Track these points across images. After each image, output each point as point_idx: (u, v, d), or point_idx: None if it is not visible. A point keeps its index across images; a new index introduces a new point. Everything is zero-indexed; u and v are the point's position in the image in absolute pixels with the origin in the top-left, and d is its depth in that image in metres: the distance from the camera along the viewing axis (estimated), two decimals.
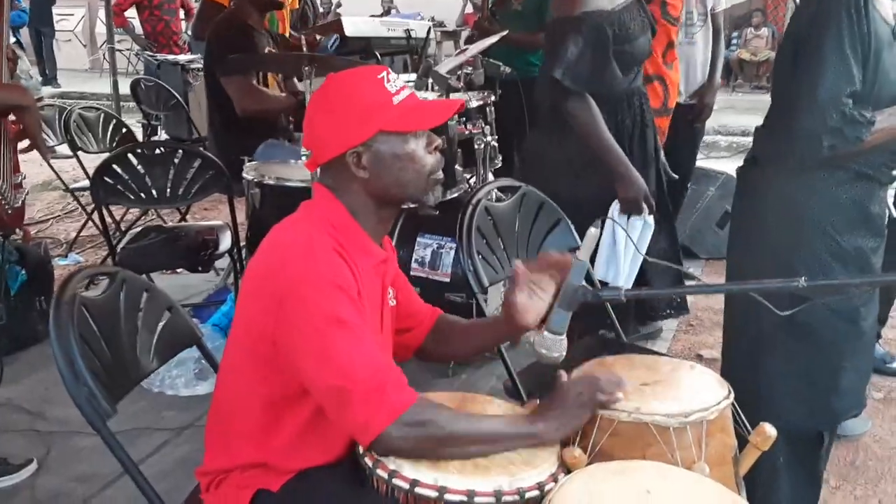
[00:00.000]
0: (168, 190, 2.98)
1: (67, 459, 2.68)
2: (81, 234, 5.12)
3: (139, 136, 6.30)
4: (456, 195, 3.22)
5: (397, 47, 5.34)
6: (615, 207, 2.52)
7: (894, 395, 3.03)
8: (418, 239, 3.23)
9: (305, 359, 1.34)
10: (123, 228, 4.10)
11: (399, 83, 1.48)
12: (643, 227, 2.54)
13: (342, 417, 1.34)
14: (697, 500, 1.22)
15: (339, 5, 13.35)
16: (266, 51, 3.64)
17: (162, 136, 6.34)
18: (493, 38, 3.53)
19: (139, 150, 2.97)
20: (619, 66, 2.50)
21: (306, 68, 2.79)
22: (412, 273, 3.21)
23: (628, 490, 1.24)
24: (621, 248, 2.50)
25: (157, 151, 3.01)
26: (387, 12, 14.22)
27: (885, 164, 1.85)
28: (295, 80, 3.77)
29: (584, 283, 1.34)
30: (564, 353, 1.40)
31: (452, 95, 3.20)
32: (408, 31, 5.29)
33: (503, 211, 2.31)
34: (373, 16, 13.78)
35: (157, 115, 6.20)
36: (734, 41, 13.45)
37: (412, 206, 1.53)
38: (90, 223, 4.81)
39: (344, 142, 1.44)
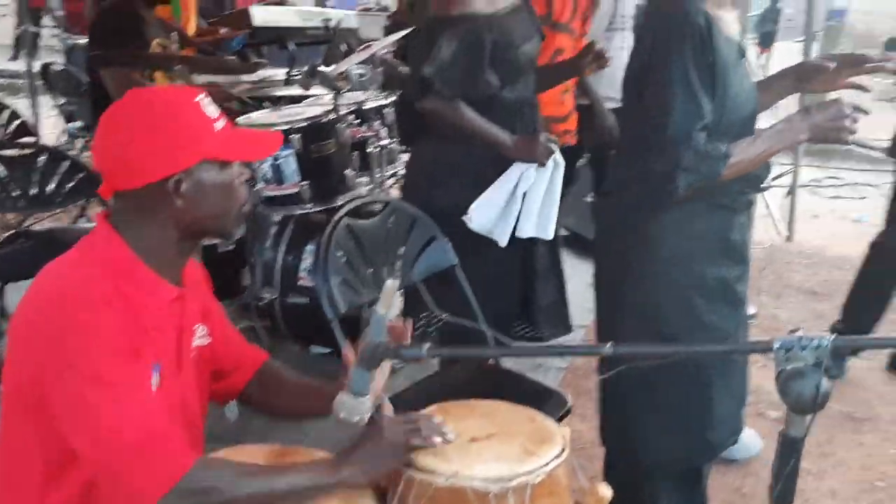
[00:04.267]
0: (33, 194, 2.78)
1: None
2: None
3: (58, 123, 6.03)
4: (349, 200, 3.07)
5: (314, 37, 5.15)
6: (514, 167, 2.37)
7: None
8: (307, 247, 3.07)
9: (70, 423, 1.20)
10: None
11: (215, 110, 1.37)
12: (554, 168, 2.41)
13: (112, 489, 1.20)
14: None
15: None
16: (155, 43, 3.42)
17: (78, 123, 6.05)
18: (396, 36, 3.37)
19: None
20: (501, 74, 2.35)
21: (177, 67, 2.59)
22: (300, 283, 3.06)
23: None
24: (534, 201, 2.38)
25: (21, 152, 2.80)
26: None
27: (740, 191, 1.76)
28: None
29: (384, 338, 1.20)
30: (368, 416, 1.26)
31: (344, 95, 3.03)
32: (326, 20, 5.10)
33: (370, 228, 2.16)
34: None
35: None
36: None
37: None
38: None
39: (165, 167, 1.30)
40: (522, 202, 2.35)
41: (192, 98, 1.37)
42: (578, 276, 3.13)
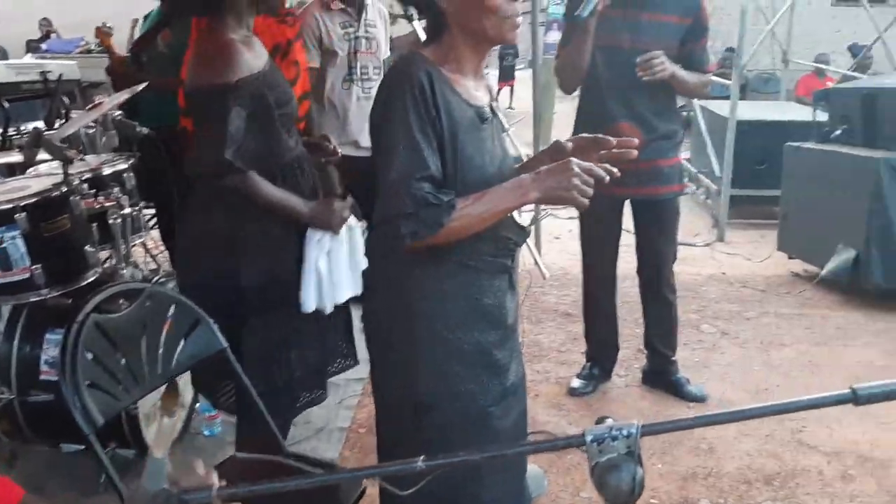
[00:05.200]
0: None
1: None
2: None
3: None
4: (92, 279, 2.77)
5: (32, 92, 4.69)
6: (312, 238, 2.27)
7: None
8: (47, 336, 2.72)
9: None
10: None
11: None
12: (350, 233, 2.35)
13: None
14: None
15: None
16: None
17: None
18: (127, 94, 3.11)
19: None
20: (284, 131, 2.25)
21: None
22: (42, 377, 2.70)
23: None
24: (341, 266, 2.32)
25: None
26: (45, 37, 12.87)
27: (488, 253, 1.74)
28: None
29: (163, 485, 1.04)
30: None
31: (75, 165, 2.74)
32: (44, 73, 4.67)
33: (123, 321, 1.93)
34: (30, 41, 12.45)
35: None
36: None
37: None
38: None
39: None
40: (329, 268, 2.30)
41: None
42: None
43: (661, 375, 3.56)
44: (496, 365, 1.79)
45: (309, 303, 2.28)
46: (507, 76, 15.45)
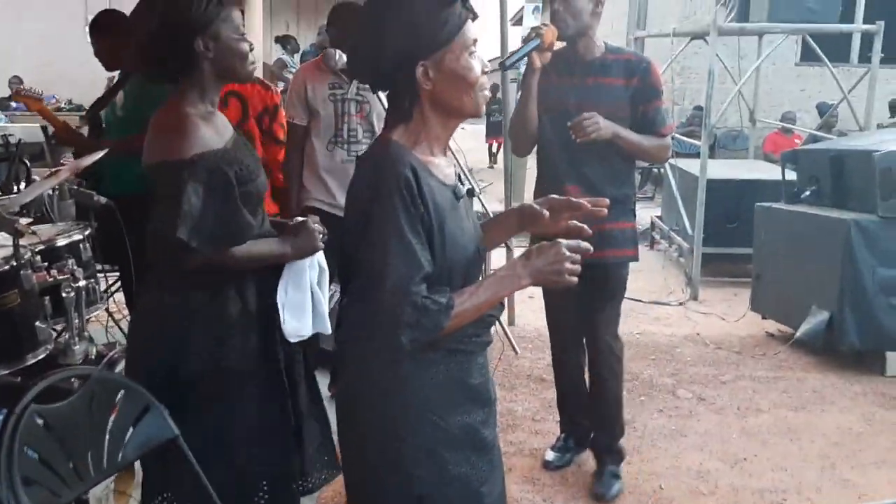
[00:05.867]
0: None
1: None
2: None
3: None
4: (43, 357, 2.64)
5: None
6: (300, 265, 2.21)
7: None
8: None
9: None
10: None
11: None
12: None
13: None
14: None
15: None
16: None
17: None
18: (87, 161, 3.02)
19: None
20: (247, 209, 2.14)
21: None
22: None
23: None
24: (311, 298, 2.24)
25: None
26: (16, 94, 12.78)
27: (474, 334, 1.71)
28: None
29: None
30: None
31: (26, 238, 2.63)
32: (5, 136, 4.58)
33: (66, 411, 1.82)
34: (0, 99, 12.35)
35: None
36: None
37: None
38: None
39: None
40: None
41: None
42: None
43: (597, 458, 3.35)
44: (483, 443, 1.76)
45: (307, 328, 2.20)
46: (495, 132, 15.56)
